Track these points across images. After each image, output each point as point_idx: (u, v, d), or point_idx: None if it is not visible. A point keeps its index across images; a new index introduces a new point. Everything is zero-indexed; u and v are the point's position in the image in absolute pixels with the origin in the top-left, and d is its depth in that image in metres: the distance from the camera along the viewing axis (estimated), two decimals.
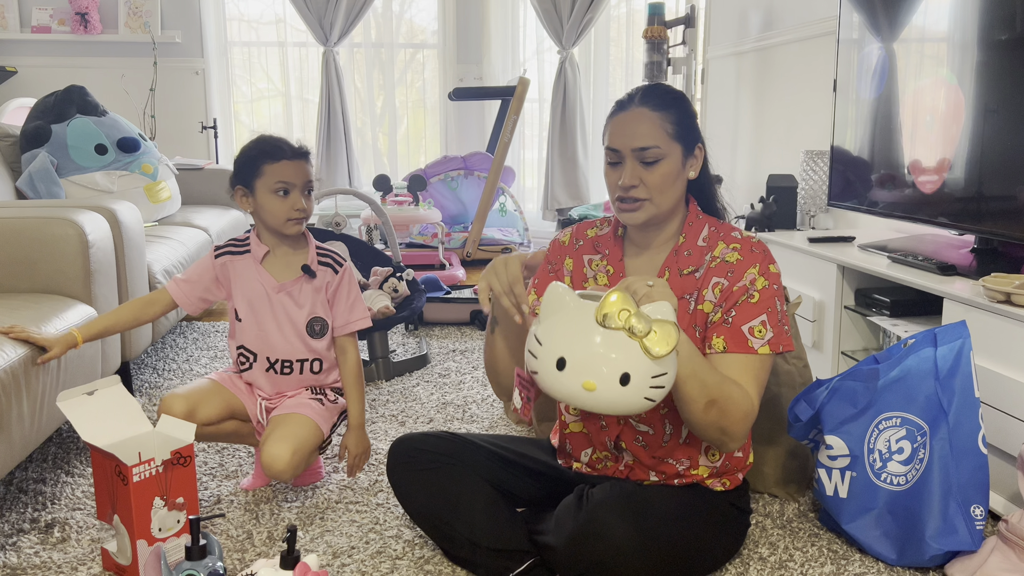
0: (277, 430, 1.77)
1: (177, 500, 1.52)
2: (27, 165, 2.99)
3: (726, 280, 1.46)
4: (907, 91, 2.29)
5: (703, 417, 1.36)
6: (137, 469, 1.46)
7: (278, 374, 1.86)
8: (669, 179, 1.46)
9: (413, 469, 1.60)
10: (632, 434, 1.53)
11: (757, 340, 1.43)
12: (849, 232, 2.73)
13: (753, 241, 1.50)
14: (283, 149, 1.76)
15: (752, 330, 1.44)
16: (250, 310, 1.83)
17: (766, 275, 1.46)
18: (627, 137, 1.45)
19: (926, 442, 1.57)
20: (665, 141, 1.45)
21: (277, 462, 1.71)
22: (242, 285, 1.83)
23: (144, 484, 1.47)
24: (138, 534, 1.47)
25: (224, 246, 1.86)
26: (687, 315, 1.48)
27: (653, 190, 1.45)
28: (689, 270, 1.49)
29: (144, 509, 1.47)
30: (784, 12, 3.46)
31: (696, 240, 1.52)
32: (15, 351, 1.63)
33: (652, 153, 1.44)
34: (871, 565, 1.59)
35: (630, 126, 1.45)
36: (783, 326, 1.46)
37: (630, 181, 1.44)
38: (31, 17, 4.82)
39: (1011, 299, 1.69)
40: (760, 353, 1.43)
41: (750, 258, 1.47)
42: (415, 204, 4.29)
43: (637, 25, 5.19)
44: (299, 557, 1.34)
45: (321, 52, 5.03)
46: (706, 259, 1.49)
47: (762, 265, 1.47)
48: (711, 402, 1.34)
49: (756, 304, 1.44)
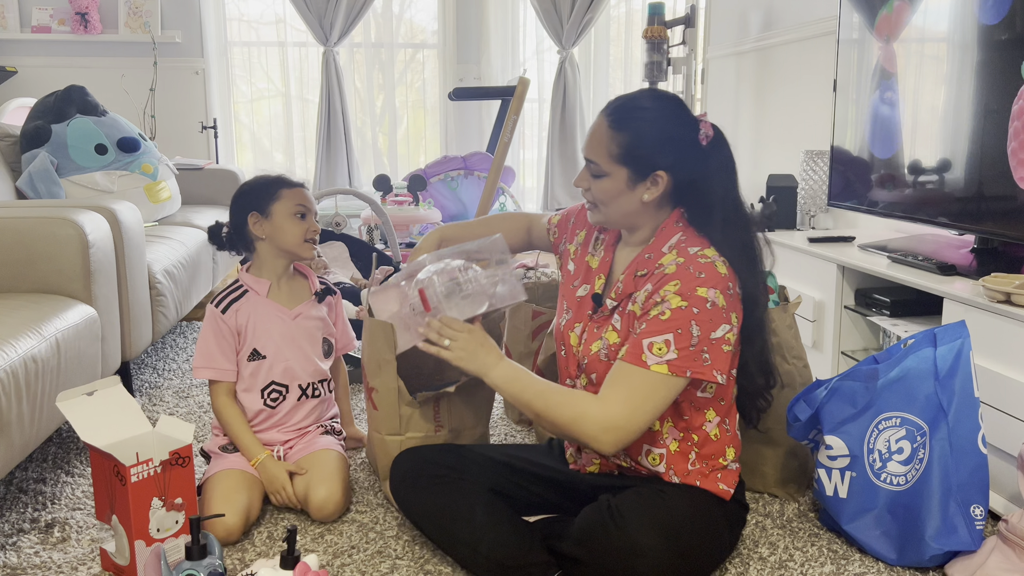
0: (315, 471, 1.76)
1: (176, 501, 1.51)
2: (27, 165, 2.99)
3: (652, 286, 1.45)
4: (907, 91, 2.29)
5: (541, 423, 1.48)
6: (135, 469, 1.45)
7: (309, 398, 1.89)
8: (610, 195, 1.49)
9: (418, 485, 1.58)
10: None
11: (653, 357, 1.39)
12: (849, 232, 2.73)
13: (700, 262, 1.43)
14: (289, 179, 1.89)
15: (651, 346, 1.40)
16: (274, 344, 1.84)
17: (686, 296, 1.40)
18: (586, 144, 1.51)
19: (926, 442, 1.57)
20: (605, 161, 1.47)
21: (329, 503, 1.72)
22: (259, 324, 1.84)
23: (142, 484, 1.47)
24: (136, 534, 1.47)
25: (222, 299, 1.85)
26: (626, 315, 1.50)
27: (597, 199, 1.52)
28: (642, 272, 1.50)
29: (142, 510, 1.47)
30: (784, 12, 3.46)
31: (662, 246, 1.50)
32: (15, 351, 1.63)
33: (593, 168, 1.50)
34: (871, 565, 1.59)
35: (591, 134, 1.51)
36: (702, 355, 1.39)
37: (579, 183, 1.54)
38: (31, 17, 4.82)
39: (1011, 299, 1.69)
40: (652, 369, 1.39)
41: (680, 275, 1.42)
42: (415, 204, 4.29)
43: (637, 25, 5.19)
44: (299, 557, 1.34)
45: (321, 52, 5.03)
46: (655, 265, 1.48)
47: (684, 285, 1.41)
48: (537, 415, 1.47)
49: (665, 321, 1.40)
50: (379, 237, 4.16)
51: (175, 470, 1.51)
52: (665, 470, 1.52)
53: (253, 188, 1.87)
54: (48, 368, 1.73)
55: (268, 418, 1.86)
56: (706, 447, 1.53)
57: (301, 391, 1.88)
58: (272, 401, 1.85)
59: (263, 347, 1.84)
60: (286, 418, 1.88)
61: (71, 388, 1.60)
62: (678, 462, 1.52)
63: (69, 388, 1.78)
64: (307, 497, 1.73)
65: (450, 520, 1.51)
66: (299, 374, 1.87)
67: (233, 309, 1.84)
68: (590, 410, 1.42)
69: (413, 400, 1.79)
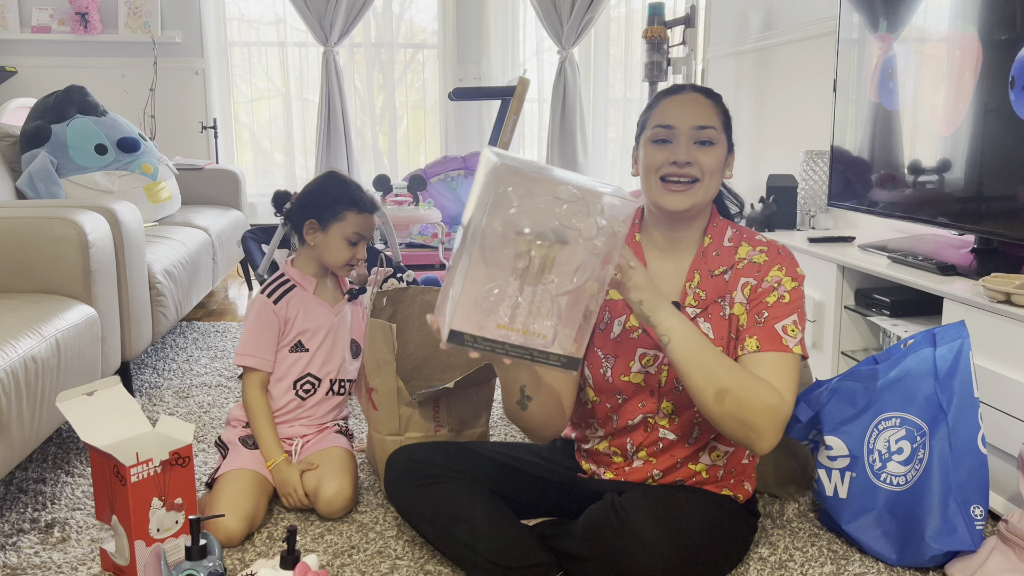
0: (326, 466, 1.77)
1: (176, 501, 1.51)
2: (27, 165, 2.99)
3: (754, 279, 1.46)
4: (907, 91, 2.29)
5: (718, 408, 1.32)
6: (135, 470, 1.45)
7: (335, 395, 1.92)
8: (719, 166, 1.44)
9: (413, 484, 1.55)
10: (655, 439, 1.53)
11: (791, 339, 1.42)
12: (849, 232, 2.73)
13: (779, 245, 1.51)
14: (365, 202, 1.86)
15: (785, 328, 1.43)
16: (321, 339, 1.87)
17: (794, 277, 1.47)
18: (686, 115, 1.42)
19: (925, 442, 1.57)
20: (719, 127, 1.45)
21: (339, 498, 1.73)
22: (307, 317, 1.86)
23: (142, 485, 1.47)
24: (136, 535, 1.47)
25: (273, 289, 1.87)
26: (722, 320, 1.47)
27: (706, 173, 1.42)
28: (720, 271, 1.48)
29: (142, 510, 1.47)
30: (784, 12, 3.46)
31: (722, 241, 1.51)
32: (15, 351, 1.63)
33: (709, 133, 1.42)
34: (871, 565, 1.59)
35: (688, 106, 1.43)
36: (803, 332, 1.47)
37: (685, 157, 1.41)
38: (31, 17, 4.82)
39: (1011, 299, 1.69)
40: (794, 352, 1.42)
41: (776, 259, 1.48)
42: (415, 204, 4.29)
43: (637, 25, 5.19)
44: (299, 557, 1.34)
45: (321, 52, 5.03)
46: (735, 260, 1.49)
47: (789, 268, 1.47)
48: (722, 391, 1.31)
49: (788, 304, 1.44)
50: (379, 237, 4.16)
51: (175, 470, 1.51)
52: (724, 463, 1.54)
53: (323, 196, 1.86)
54: (48, 368, 1.73)
55: (296, 409, 1.87)
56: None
57: (330, 385, 1.91)
58: (304, 392, 1.87)
59: (308, 341, 1.86)
60: (313, 411, 1.89)
61: (71, 388, 1.60)
62: (736, 457, 1.56)
63: (69, 388, 1.78)
64: (317, 492, 1.74)
65: (447, 520, 1.50)
66: (336, 370, 1.91)
67: (285, 300, 1.86)
68: (781, 404, 1.35)
69: (412, 400, 1.79)
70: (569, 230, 1.16)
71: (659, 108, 1.46)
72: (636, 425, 1.53)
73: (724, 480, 1.56)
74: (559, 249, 1.16)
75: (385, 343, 1.78)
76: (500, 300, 1.16)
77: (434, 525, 1.52)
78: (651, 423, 1.53)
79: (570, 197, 1.15)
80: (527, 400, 1.39)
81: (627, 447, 1.55)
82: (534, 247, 1.15)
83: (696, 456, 1.54)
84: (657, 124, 1.44)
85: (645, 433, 1.53)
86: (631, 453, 1.56)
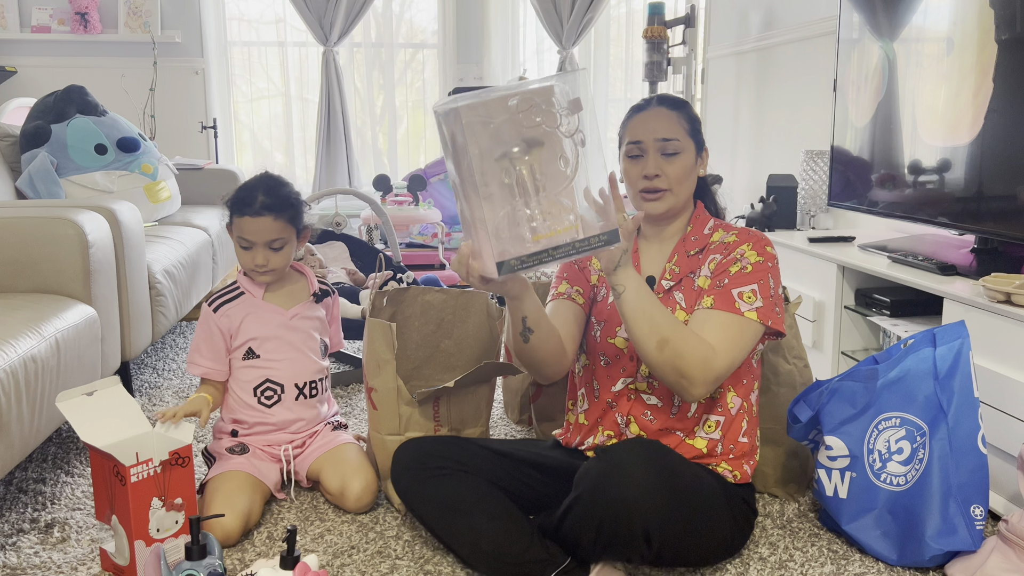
0: (345, 465, 1.79)
1: (175, 501, 1.51)
2: (27, 165, 2.99)
3: (721, 255, 1.59)
4: (907, 90, 2.29)
5: (658, 355, 1.43)
6: (135, 469, 1.46)
7: (308, 398, 1.89)
8: (686, 171, 1.59)
9: (419, 477, 1.58)
10: (641, 408, 1.59)
11: (744, 304, 1.51)
12: (849, 232, 2.73)
13: (752, 230, 1.63)
14: (249, 204, 1.77)
15: (741, 294, 1.52)
16: (270, 344, 1.85)
17: (761, 253, 1.57)
18: (650, 130, 1.58)
19: (925, 442, 1.57)
20: (683, 136, 1.59)
21: (367, 493, 1.76)
22: (252, 324, 1.85)
23: (142, 485, 1.47)
24: (136, 535, 1.47)
25: (216, 297, 1.87)
26: (692, 291, 1.58)
27: (673, 181, 1.57)
28: (695, 251, 1.62)
29: (142, 510, 1.47)
30: (784, 12, 3.46)
31: (703, 229, 1.64)
32: (15, 351, 1.63)
33: (672, 145, 1.57)
34: (871, 565, 1.59)
35: (652, 121, 1.58)
36: (775, 303, 1.54)
37: (654, 170, 1.57)
38: (31, 17, 4.82)
39: (1011, 299, 1.69)
40: (745, 316, 1.50)
41: (745, 239, 1.59)
42: (415, 204, 4.29)
43: (637, 25, 5.19)
44: (299, 557, 1.34)
45: (321, 52, 5.03)
46: (708, 242, 1.62)
47: (756, 244, 1.58)
48: (663, 340, 1.42)
49: (748, 274, 1.54)
50: (379, 237, 4.16)
51: (175, 470, 1.51)
52: (721, 437, 1.58)
53: (229, 199, 1.82)
54: (48, 368, 1.73)
55: (266, 418, 1.86)
56: (751, 423, 1.62)
57: (298, 390, 1.88)
58: (266, 399, 1.86)
59: (258, 347, 1.85)
60: (286, 420, 1.87)
61: (71, 388, 1.60)
62: (734, 428, 1.59)
63: (69, 388, 1.78)
64: (343, 492, 1.76)
65: (452, 513, 1.53)
66: (296, 374, 1.87)
67: (224, 310, 1.85)
68: (713, 358, 1.45)
69: (412, 399, 1.80)
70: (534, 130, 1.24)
71: (630, 125, 1.61)
72: (619, 394, 1.61)
73: (723, 455, 1.58)
74: (538, 152, 1.25)
75: (385, 343, 1.78)
76: (516, 221, 1.25)
77: (439, 518, 1.55)
78: (632, 390, 1.60)
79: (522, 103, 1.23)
80: (529, 332, 1.49)
81: (618, 422, 1.61)
82: (514, 163, 1.24)
83: (692, 431, 1.58)
84: (629, 141, 1.60)
85: (629, 403, 1.60)
86: (624, 428, 1.60)
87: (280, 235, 1.80)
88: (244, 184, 1.83)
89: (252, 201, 1.77)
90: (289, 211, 1.81)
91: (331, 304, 1.98)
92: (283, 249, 1.82)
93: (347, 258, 3.28)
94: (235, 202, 1.79)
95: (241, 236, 1.79)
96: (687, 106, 1.64)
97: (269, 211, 1.77)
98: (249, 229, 1.78)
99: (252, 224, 1.77)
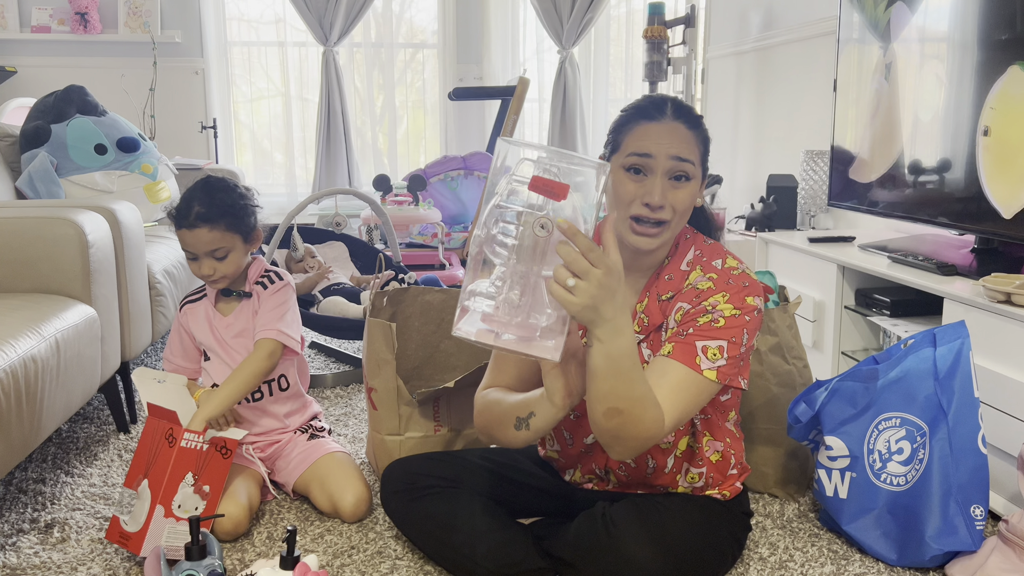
0: (335, 477, 1.76)
1: (204, 487, 1.60)
2: (27, 165, 2.99)
3: (689, 305, 1.40)
4: (907, 90, 2.29)
5: (603, 422, 1.24)
6: (188, 435, 1.59)
7: (251, 402, 1.86)
8: (690, 202, 1.38)
9: (408, 498, 1.55)
10: (616, 463, 1.52)
11: (706, 361, 1.34)
12: (849, 232, 2.73)
13: (734, 274, 1.41)
14: (185, 216, 1.74)
15: (705, 349, 1.34)
16: (212, 351, 1.86)
17: (738, 305, 1.37)
18: (666, 145, 1.34)
19: (926, 442, 1.57)
20: (697, 160, 1.38)
21: (362, 505, 1.73)
22: (197, 330, 1.87)
23: (186, 453, 1.58)
24: (161, 499, 1.55)
25: (186, 296, 1.91)
26: (660, 346, 1.42)
27: (678, 212, 1.36)
28: (668, 296, 1.43)
29: (177, 477, 1.58)
30: (784, 12, 3.46)
31: (680, 264, 1.45)
32: (15, 351, 1.63)
33: (686, 168, 1.35)
34: (871, 565, 1.59)
35: (668, 136, 1.35)
36: (740, 362, 1.38)
37: (659, 200, 1.33)
38: (31, 17, 4.82)
39: (1011, 299, 1.69)
40: (704, 374, 1.33)
41: (722, 288, 1.39)
42: (415, 204, 4.29)
43: (637, 25, 5.19)
44: (299, 557, 1.34)
45: (321, 52, 5.03)
46: (681, 286, 1.43)
47: (734, 296, 1.37)
48: (615, 411, 1.22)
49: (719, 328, 1.35)
50: (379, 237, 4.16)
51: (216, 456, 1.63)
52: (704, 485, 1.52)
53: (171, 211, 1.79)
54: (48, 368, 1.73)
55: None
56: (736, 447, 1.55)
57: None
58: None
59: (207, 350, 1.88)
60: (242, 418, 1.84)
61: (76, 387, 1.65)
62: (720, 471, 1.52)
63: (68, 388, 1.80)
64: (336, 505, 1.73)
65: (445, 529, 1.50)
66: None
67: (187, 309, 1.89)
68: (657, 434, 1.28)
69: (412, 399, 1.79)
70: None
71: (637, 132, 1.37)
72: (593, 445, 1.52)
73: (711, 487, 1.54)
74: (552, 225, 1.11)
75: (385, 343, 1.78)
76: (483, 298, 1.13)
77: (432, 537, 1.52)
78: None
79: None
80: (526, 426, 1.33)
81: (595, 470, 1.56)
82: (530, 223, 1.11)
83: (675, 482, 1.52)
84: (633, 151, 1.36)
85: (604, 454, 1.50)
86: (603, 475, 1.56)
87: (220, 244, 1.76)
88: (185, 193, 1.79)
89: (188, 213, 1.74)
90: (226, 219, 1.75)
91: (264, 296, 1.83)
92: (228, 257, 1.78)
93: (347, 258, 3.28)
94: (175, 214, 1.77)
95: (183, 248, 1.79)
96: (703, 124, 1.42)
97: (204, 221, 1.74)
98: (187, 241, 1.76)
99: (189, 236, 1.75)
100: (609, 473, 1.54)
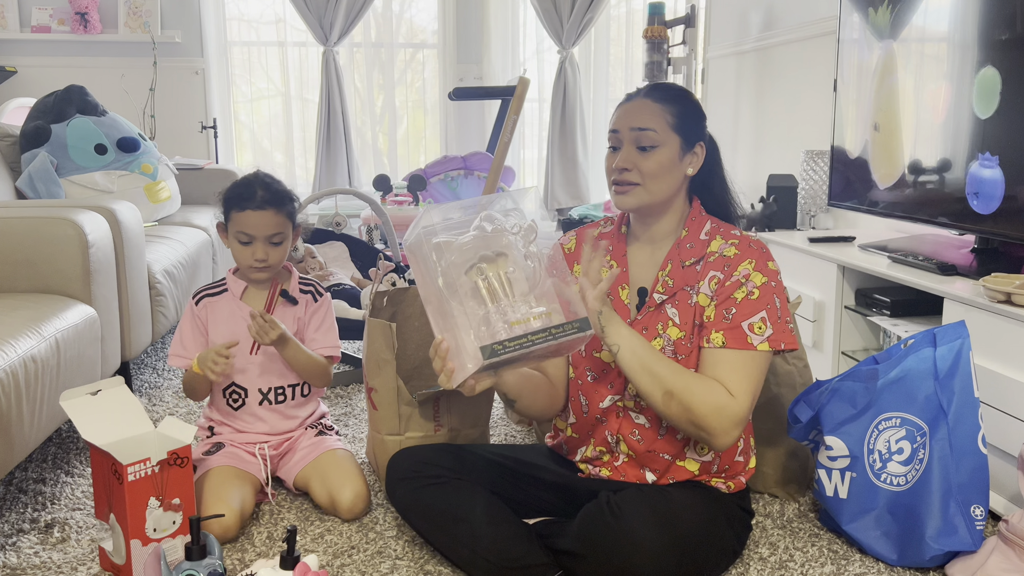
0: (334, 474, 1.76)
1: (173, 501, 1.51)
2: (27, 165, 2.99)
3: (722, 274, 1.49)
4: (907, 91, 2.29)
5: (666, 410, 1.41)
6: (132, 468, 1.45)
7: (273, 404, 1.85)
8: (663, 168, 1.50)
9: (414, 486, 1.57)
10: (630, 427, 1.54)
11: (756, 337, 1.45)
12: (849, 232, 2.73)
13: (751, 239, 1.53)
14: (249, 198, 1.77)
15: (752, 327, 1.45)
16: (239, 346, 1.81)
17: (764, 271, 1.48)
18: (627, 119, 1.51)
19: (926, 442, 1.57)
20: (663, 128, 1.50)
21: (359, 502, 1.73)
22: (222, 323, 1.84)
23: (139, 484, 1.46)
24: (132, 534, 1.47)
25: (201, 290, 1.88)
26: (688, 307, 1.50)
27: (646, 176, 1.49)
28: (691, 261, 1.52)
29: (139, 509, 1.47)
30: (784, 12, 3.46)
31: (699, 234, 1.54)
32: (15, 351, 1.63)
33: (648, 136, 1.49)
34: (871, 565, 1.59)
35: (633, 112, 1.52)
36: (784, 322, 1.48)
37: (623, 164, 1.50)
38: (31, 17, 4.81)
39: (1011, 299, 1.69)
40: (759, 349, 1.45)
41: (747, 253, 1.50)
42: (415, 204, 4.29)
43: (637, 25, 5.19)
44: (299, 557, 1.34)
45: (321, 52, 5.03)
46: (706, 252, 1.52)
47: (759, 261, 1.49)
48: (667, 393, 1.39)
49: (756, 300, 1.46)
50: (379, 237, 4.16)
51: (173, 470, 1.51)
52: (713, 458, 1.54)
53: (224, 196, 1.81)
54: (48, 368, 1.73)
55: (233, 424, 1.86)
56: (745, 438, 1.59)
57: (263, 396, 1.85)
58: (232, 401, 1.85)
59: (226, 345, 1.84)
60: (253, 424, 1.85)
61: (72, 388, 1.60)
62: (729, 452, 1.55)
63: (69, 388, 1.78)
64: (335, 502, 1.73)
65: (449, 521, 1.51)
66: (261, 379, 1.84)
67: (204, 303, 1.85)
68: (729, 403, 1.41)
69: (412, 400, 1.79)
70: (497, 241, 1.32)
71: (615, 114, 1.56)
72: (608, 410, 1.56)
73: (717, 473, 1.56)
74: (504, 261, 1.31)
75: (385, 343, 1.78)
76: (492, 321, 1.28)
77: (435, 526, 1.53)
78: (620, 407, 1.55)
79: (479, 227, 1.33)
80: (512, 403, 1.52)
81: (608, 440, 1.57)
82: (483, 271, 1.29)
83: (683, 452, 1.54)
84: (609, 130, 1.56)
85: (618, 420, 1.55)
86: (614, 445, 1.57)
87: (281, 229, 1.80)
88: (240, 180, 1.81)
89: (252, 195, 1.77)
90: (288, 205, 1.82)
91: (315, 307, 1.89)
92: (282, 244, 1.81)
93: (347, 258, 3.28)
94: (234, 197, 1.79)
95: (242, 231, 1.78)
96: (680, 100, 1.53)
97: (271, 205, 1.78)
98: (251, 223, 1.77)
99: (255, 217, 1.77)
100: (620, 442, 1.56)
